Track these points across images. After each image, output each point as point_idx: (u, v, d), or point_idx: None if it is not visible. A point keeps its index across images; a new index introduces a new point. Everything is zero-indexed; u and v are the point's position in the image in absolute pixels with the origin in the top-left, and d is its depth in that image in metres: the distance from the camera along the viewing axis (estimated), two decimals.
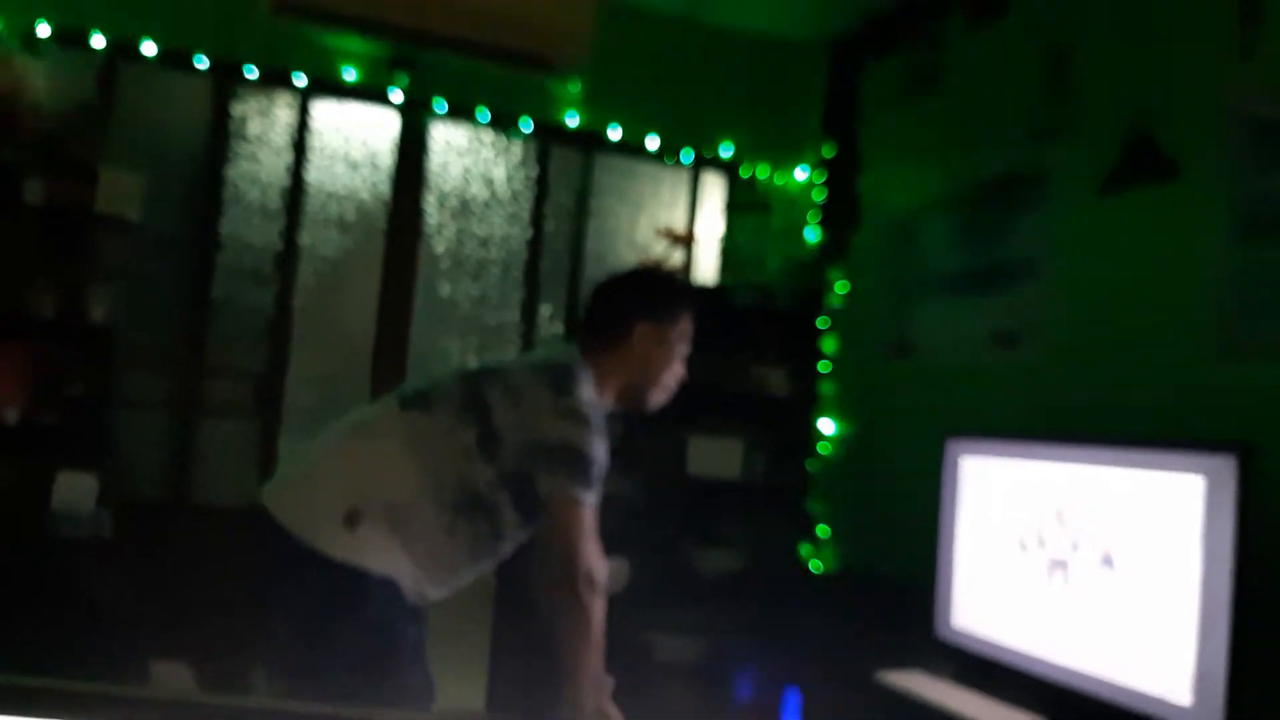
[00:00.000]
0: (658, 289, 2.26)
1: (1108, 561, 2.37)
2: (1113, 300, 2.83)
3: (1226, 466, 2.06)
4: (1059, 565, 2.54)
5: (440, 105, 4.06)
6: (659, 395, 2.22)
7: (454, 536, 1.97)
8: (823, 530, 4.08)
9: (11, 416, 3.28)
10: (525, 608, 3.42)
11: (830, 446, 4.13)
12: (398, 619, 1.93)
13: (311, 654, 1.92)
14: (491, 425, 1.98)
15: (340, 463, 2.01)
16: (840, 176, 4.24)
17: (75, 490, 3.30)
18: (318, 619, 1.88)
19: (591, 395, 2.04)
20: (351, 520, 1.88)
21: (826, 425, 4.14)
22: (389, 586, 1.90)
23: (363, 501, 1.90)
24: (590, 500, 1.96)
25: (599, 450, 1.99)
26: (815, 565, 4.06)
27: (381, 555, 1.90)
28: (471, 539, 2.00)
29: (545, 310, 4.31)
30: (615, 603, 3.50)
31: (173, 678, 2.74)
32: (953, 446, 2.99)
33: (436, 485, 1.95)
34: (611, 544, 3.49)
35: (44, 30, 3.56)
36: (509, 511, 2.01)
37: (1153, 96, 2.76)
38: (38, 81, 3.45)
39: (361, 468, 1.97)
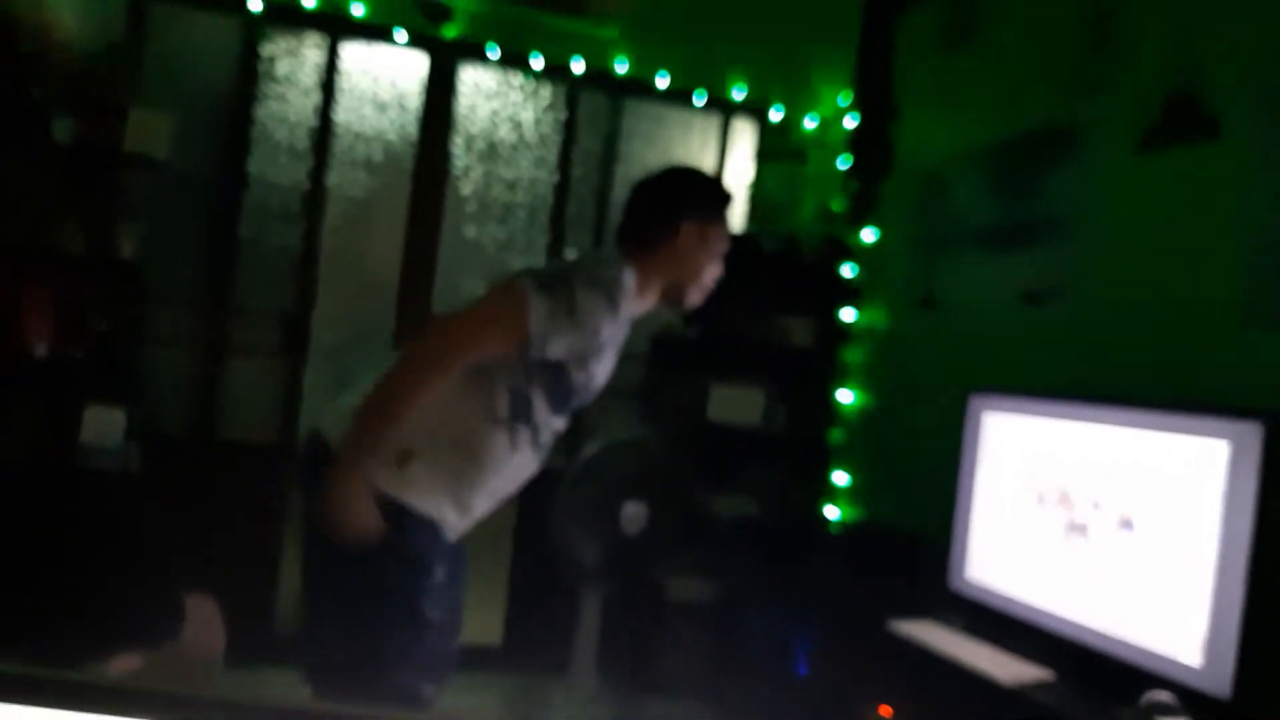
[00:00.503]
0: (702, 187, 2.25)
1: (1126, 522, 2.37)
2: (1145, 261, 2.78)
3: (1253, 434, 2.04)
4: (1077, 523, 2.53)
5: (470, 48, 4.03)
6: (699, 294, 2.21)
7: (513, 452, 1.99)
8: (841, 481, 4.09)
9: (41, 351, 3.34)
10: (544, 541, 3.47)
11: (852, 398, 4.12)
12: (431, 557, 1.95)
13: (344, 580, 1.93)
14: None
15: None
16: (873, 125, 4.18)
17: (103, 424, 3.36)
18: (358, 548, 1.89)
19: (631, 285, 2.03)
20: (403, 459, 1.90)
21: (849, 377, 4.13)
22: (429, 526, 1.93)
23: (419, 441, 1.91)
24: (535, 306, 1.86)
25: (594, 309, 1.92)
26: (832, 516, 4.07)
27: (426, 496, 1.92)
28: (523, 450, 2.01)
29: (571, 255, 4.31)
30: (632, 544, 3.55)
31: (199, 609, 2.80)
32: (975, 402, 2.98)
33: (487, 404, 1.95)
34: (630, 488, 3.53)
35: None
36: (541, 402, 2.00)
37: (1196, 54, 2.68)
38: (67, 20, 3.46)
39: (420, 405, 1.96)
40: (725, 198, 2.23)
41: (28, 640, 1.08)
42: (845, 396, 4.13)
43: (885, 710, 2.86)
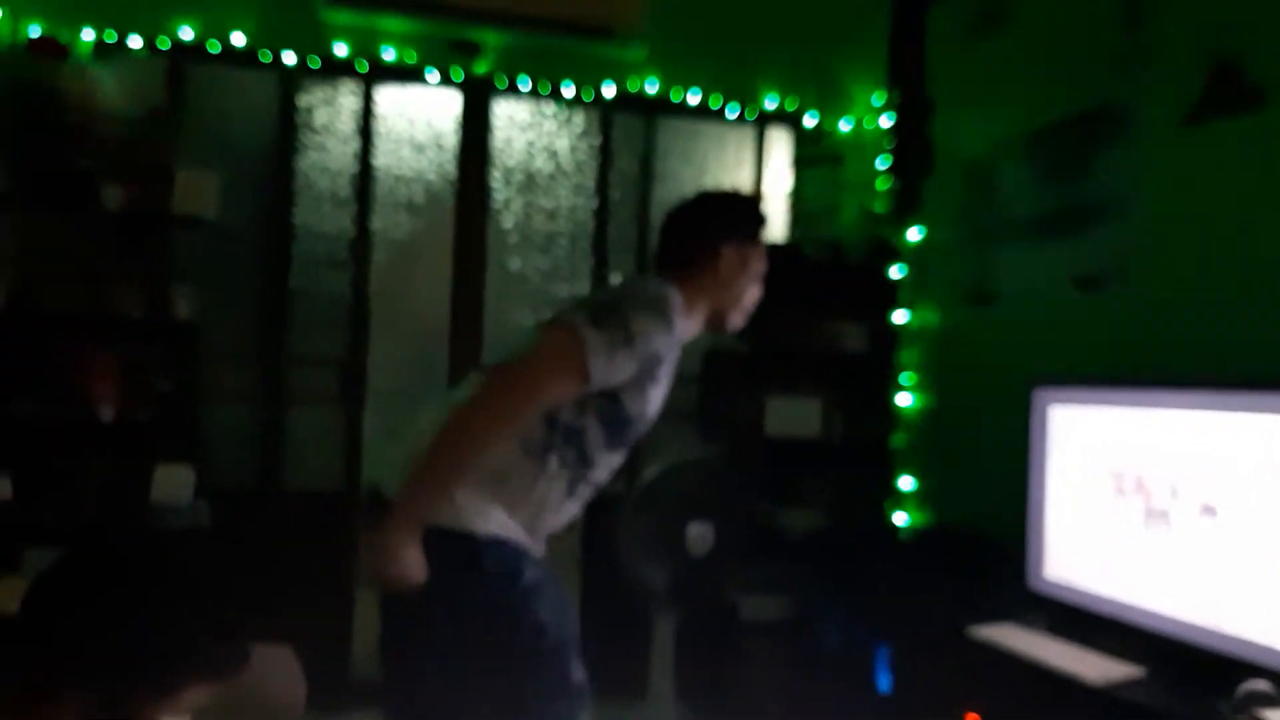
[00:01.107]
0: (739, 209, 2.24)
1: (1206, 507, 2.32)
2: (1200, 237, 2.73)
3: None
4: (1156, 512, 2.48)
5: (501, 82, 4.07)
6: (740, 316, 2.22)
7: (550, 478, 1.96)
8: (907, 486, 4.04)
9: (107, 414, 3.41)
10: (613, 568, 3.46)
11: (911, 401, 4.07)
12: (511, 568, 1.93)
13: (430, 623, 1.92)
14: None
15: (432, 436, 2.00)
16: (910, 123, 4.14)
17: (173, 482, 3.42)
18: (434, 585, 1.87)
19: (680, 303, 2.02)
20: None
21: (906, 380, 4.08)
22: (497, 545, 1.91)
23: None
24: (591, 343, 1.84)
25: (650, 335, 1.90)
26: (900, 522, 4.02)
27: (482, 517, 1.91)
28: (567, 475, 1.98)
29: (615, 279, 4.32)
30: (700, 565, 3.53)
31: (279, 659, 2.83)
32: (1040, 395, 2.93)
33: (524, 434, 1.93)
34: (694, 508, 3.51)
35: (110, 38, 3.65)
36: (596, 431, 1.98)
37: (1233, 23, 2.63)
38: (109, 88, 3.54)
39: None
40: (762, 218, 2.23)
41: (105, 680, 1.25)
42: (904, 399, 4.08)
43: (972, 718, 2.81)
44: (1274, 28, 2.53)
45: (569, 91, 4.14)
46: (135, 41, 3.69)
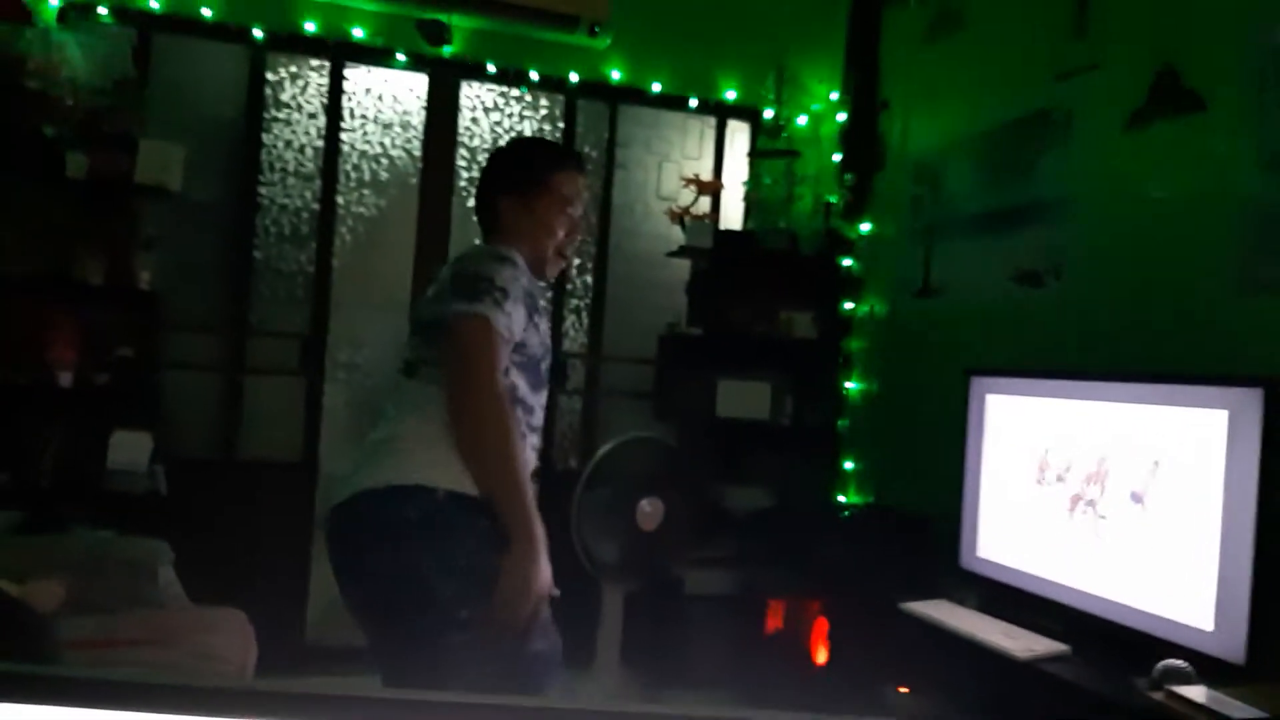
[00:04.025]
0: (513, 160, 2.22)
1: (1130, 492, 2.43)
2: (1138, 236, 2.84)
3: (1251, 401, 2.10)
4: (1083, 497, 2.60)
5: (469, 65, 4.11)
6: (549, 264, 2.19)
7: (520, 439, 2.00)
8: (849, 468, 4.17)
9: (65, 380, 3.42)
10: (563, 540, 3.52)
11: (856, 387, 4.20)
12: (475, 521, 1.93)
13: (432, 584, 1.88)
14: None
15: (415, 425, 1.99)
16: (863, 120, 4.26)
17: (130, 448, 3.46)
18: (435, 542, 1.88)
19: (506, 249, 2.05)
20: None
21: (852, 367, 4.21)
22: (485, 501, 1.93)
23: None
24: (498, 320, 1.89)
25: (509, 280, 1.94)
26: (842, 502, 4.15)
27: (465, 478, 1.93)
28: (526, 434, 2.03)
29: (575, 261, 4.39)
30: (649, 539, 3.63)
31: (230, 621, 2.89)
32: (977, 384, 3.05)
33: None
34: (645, 484, 3.61)
35: (78, 7, 3.64)
36: (519, 380, 2.00)
37: (1177, 30, 2.75)
38: (74, 57, 3.54)
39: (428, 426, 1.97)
40: (542, 165, 2.17)
41: None
42: (850, 385, 4.21)
43: (903, 689, 2.93)
44: (1213, 36, 2.64)
45: (534, 77, 4.20)
46: (103, 9, 3.68)
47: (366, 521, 1.94)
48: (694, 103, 4.43)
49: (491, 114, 4.27)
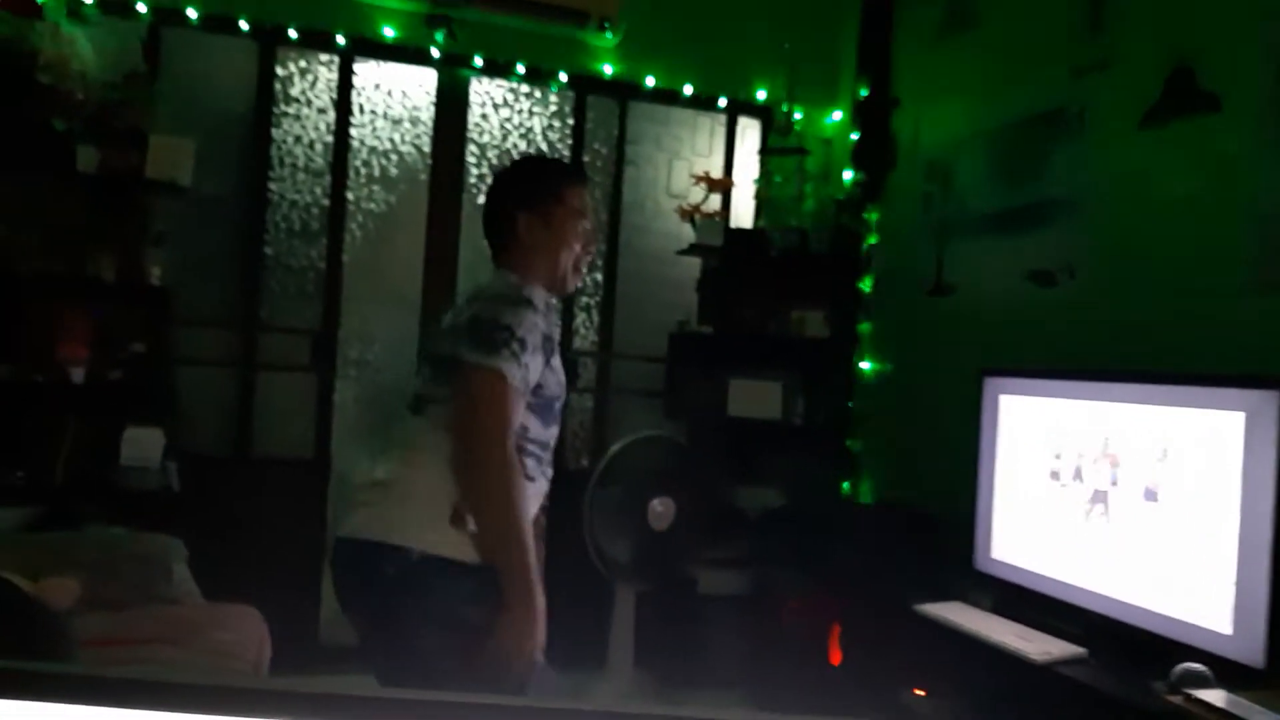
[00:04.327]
0: (527, 175, 2.22)
1: (1147, 495, 2.42)
2: (1151, 236, 2.83)
3: (1268, 402, 2.10)
4: (1098, 499, 2.59)
5: (478, 61, 4.10)
6: (568, 277, 2.17)
7: (529, 481, 1.98)
8: (862, 468, 4.16)
9: (77, 376, 3.42)
10: (576, 540, 3.52)
11: (869, 386, 4.19)
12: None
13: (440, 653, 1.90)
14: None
15: (409, 473, 1.99)
16: (875, 118, 4.25)
17: (143, 445, 3.45)
18: (450, 618, 1.88)
19: (525, 282, 2.04)
20: (458, 519, 1.90)
21: (865, 366, 4.20)
22: (489, 570, 1.92)
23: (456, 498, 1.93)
24: (513, 375, 1.88)
25: (529, 329, 1.92)
26: (855, 502, 4.13)
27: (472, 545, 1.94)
28: (526, 467, 2.00)
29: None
30: (661, 539, 3.63)
31: (244, 618, 2.88)
32: (990, 384, 3.04)
33: None
34: (656, 484, 3.60)
35: None
36: (532, 422, 1.99)
37: (1193, 29, 2.74)
38: (84, 51, 3.53)
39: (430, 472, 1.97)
40: (556, 180, 2.18)
41: None
42: (862, 385, 4.19)
43: (918, 692, 2.92)
44: (1228, 35, 2.64)
45: (545, 73, 4.18)
46: (112, 3, 3.67)
47: (352, 569, 1.97)
48: (704, 100, 4.41)
49: (501, 110, 4.26)
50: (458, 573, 1.88)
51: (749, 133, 4.59)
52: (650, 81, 4.30)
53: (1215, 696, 2.00)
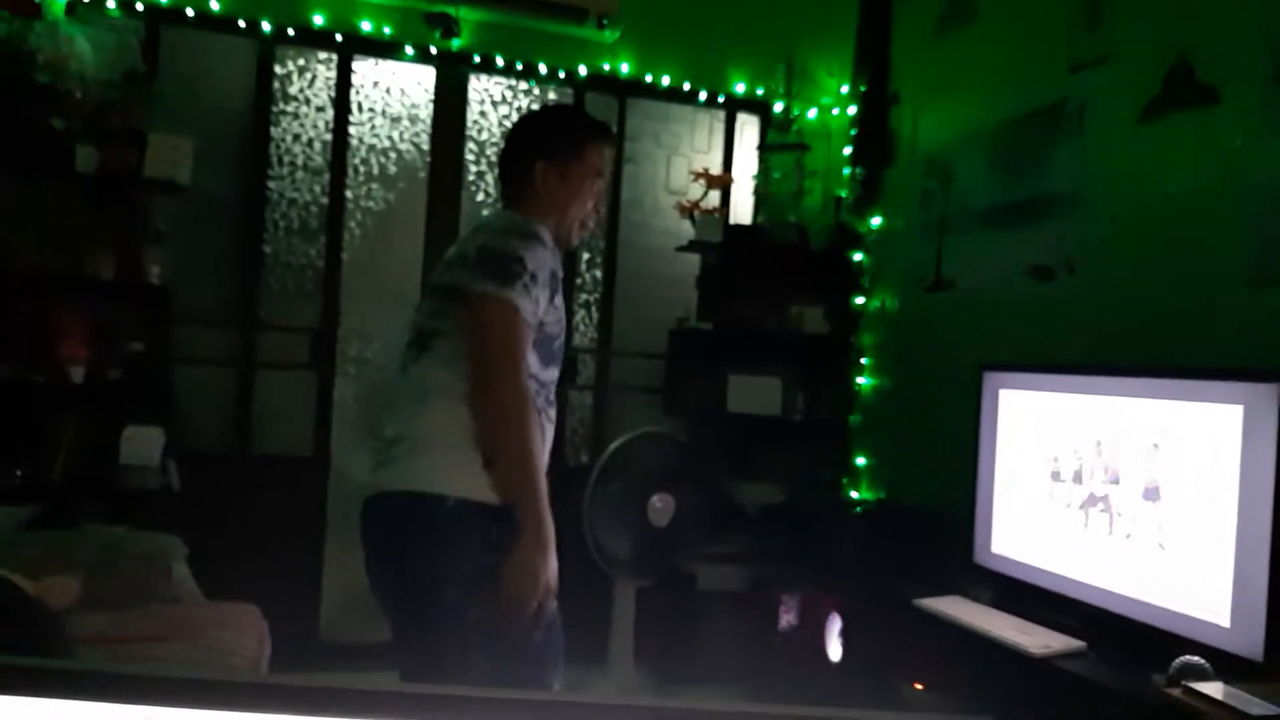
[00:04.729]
0: (553, 126, 2.21)
1: (1145, 488, 2.43)
2: (1151, 230, 2.83)
3: (1267, 395, 2.10)
4: (1097, 493, 2.60)
5: (476, 58, 4.10)
6: (572, 233, 2.17)
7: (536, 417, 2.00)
8: (862, 463, 4.16)
9: (77, 375, 3.42)
10: (576, 534, 3.50)
11: (868, 382, 4.19)
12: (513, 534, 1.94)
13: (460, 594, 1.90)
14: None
15: (428, 420, 1.98)
16: (874, 113, 4.25)
17: (142, 443, 3.44)
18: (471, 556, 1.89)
19: (534, 220, 2.03)
20: (489, 461, 1.91)
21: (864, 361, 4.20)
22: (507, 510, 1.92)
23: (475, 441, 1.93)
24: (524, 308, 1.89)
25: (540, 263, 1.93)
26: (855, 497, 4.14)
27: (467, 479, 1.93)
28: (541, 413, 2.01)
29: (585, 255, 4.38)
30: (661, 535, 3.63)
31: (244, 617, 2.89)
32: (990, 379, 3.04)
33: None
34: (656, 480, 3.60)
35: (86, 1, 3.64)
36: (533, 360, 1.98)
37: (1191, 23, 2.74)
38: (83, 50, 3.53)
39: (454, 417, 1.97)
40: (581, 134, 2.16)
41: None
42: (862, 380, 4.20)
43: (918, 686, 2.93)
44: (1226, 28, 2.64)
45: (543, 70, 4.18)
46: (111, 2, 3.68)
47: (383, 525, 1.96)
48: (703, 96, 4.41)
49: (500, 107, 4.26)
50: (489, 515, 1.89)
51: (748, 129, 4.59)
52: (649, 78, 4.30)
53: (1214, 689, 2.01)
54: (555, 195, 2.11)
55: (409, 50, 4.03)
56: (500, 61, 4.13)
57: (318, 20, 3.90)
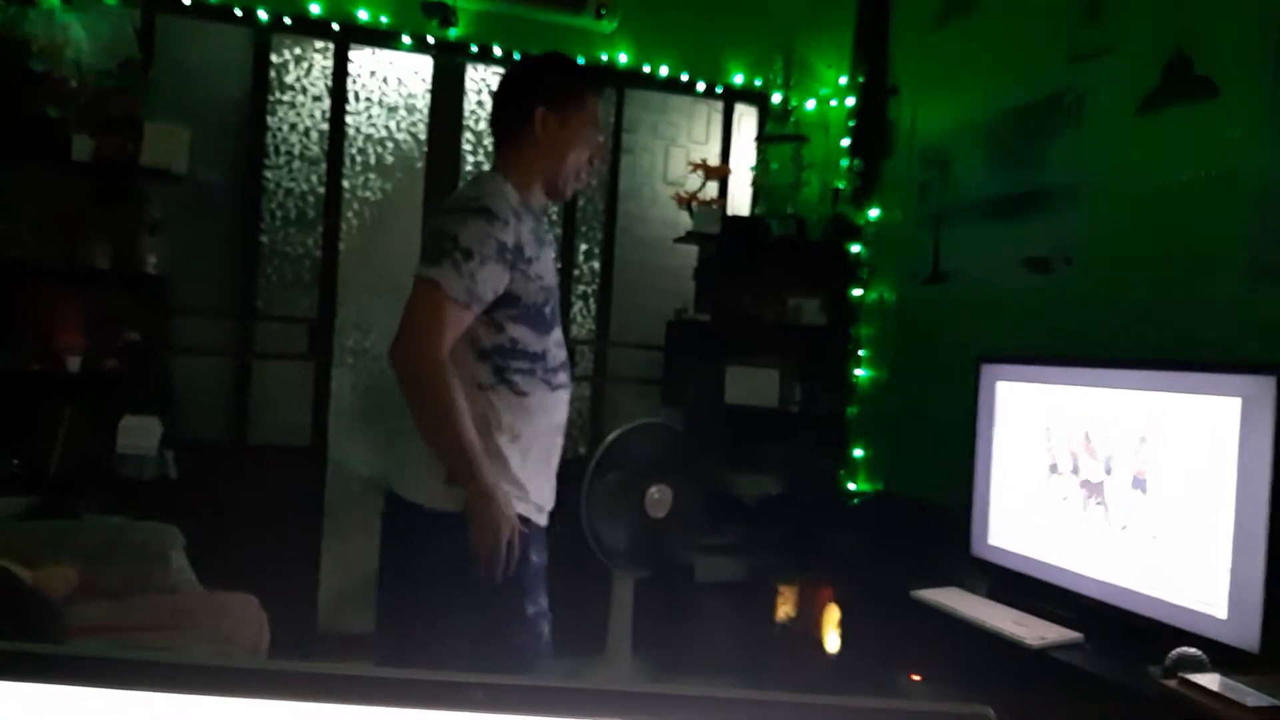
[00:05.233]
0: (554, 73, 2.17)
1: (1141, 479, 2.43)
2: (1149, 222, 2.83)
3: (1265, 388, 2.10)
4: (1094, 484, 2.60)
5: (474, 48, 4.09)
6: (568, 183, 2.15)
7: (527, 392, 2.02)
8: (859, 454, 4.16)
9: (74, 365, 3.41)
10: (574, 526, 3.51)
11: (865, 374, 4.19)
12: (532, 551, 2.02)
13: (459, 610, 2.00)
14: None
15: (407, 429, 2.02)
16: (872, 105, 4.24)
17: (140, 433, 3.44)
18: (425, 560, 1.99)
19: (505, 188, 2.01)
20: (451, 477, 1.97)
21: (861, 353, 4.20)
22: (524, 523, 1.99)
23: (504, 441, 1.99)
24: (452, 287, 1.87)
25: (477, 238, 1.89)
26: (852, 489, 4.14)
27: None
28: (536, 378, 2.03)
29: (582, 246, 4.38)
30: (659, 526, 3.63)
31: (242, 606, 2.89)
32: (987, 371, 3.04)
33: (473, 381, 2.00)
34: (654, 471, 3.60)
35: None
36: (523, 332, 2.00)
37: (1190, 15, 2.74)
38: (79, 39, 3.52)
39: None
40: (583, 84, 2.15)
41: None
42: (859, 372, 4.20)
43: (915, 677, 2.93)
44: (1225, 21, 2.63)
45: None
46: None
47: (388, 523, 2.07)
48: (701, 87, 4.41)
49: None
50: (461, 525, 1.93)
51: (746, 120, 4.58)
52: (647, 68, 4.30)
53: (1210, 680, 2.01)
54: (555, 142, 2.09)
55: (406, 39, 4.02)
56: (498, 51, 4.12)
57: (314, 9, 3.89)
